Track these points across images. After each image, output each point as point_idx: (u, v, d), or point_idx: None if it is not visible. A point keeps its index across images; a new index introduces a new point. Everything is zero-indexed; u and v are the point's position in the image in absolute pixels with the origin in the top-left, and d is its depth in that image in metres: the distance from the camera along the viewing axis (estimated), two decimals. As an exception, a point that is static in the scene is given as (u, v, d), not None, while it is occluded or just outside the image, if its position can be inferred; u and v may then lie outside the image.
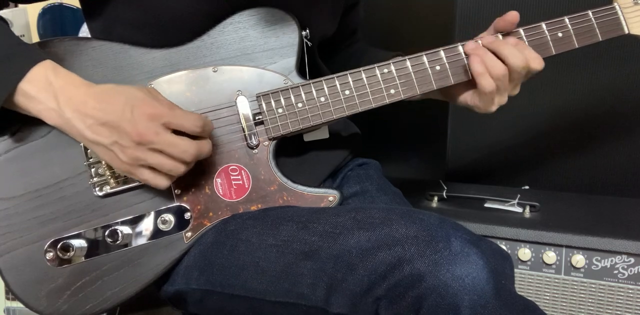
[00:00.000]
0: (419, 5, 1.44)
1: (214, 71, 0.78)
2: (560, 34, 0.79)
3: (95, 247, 0.76)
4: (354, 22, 1.05)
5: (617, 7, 0.80)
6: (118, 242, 0.75)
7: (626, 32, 0.80)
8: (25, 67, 0.68)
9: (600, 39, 0.80)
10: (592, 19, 0.79)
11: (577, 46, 0.79)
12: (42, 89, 0.68)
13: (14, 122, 0.74)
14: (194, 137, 0.70)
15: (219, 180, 0.77)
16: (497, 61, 0.75)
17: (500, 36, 0.78)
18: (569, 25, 0.79)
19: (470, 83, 0.80)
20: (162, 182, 0.70)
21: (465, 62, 0.78)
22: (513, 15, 0.77)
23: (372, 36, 1.10)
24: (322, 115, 0.78)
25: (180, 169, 0.69)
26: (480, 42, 0.77)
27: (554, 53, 0.79)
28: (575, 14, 0.79)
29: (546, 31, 0.79)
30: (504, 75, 0.75)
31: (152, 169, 0.69)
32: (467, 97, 0.81)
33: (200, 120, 0.70)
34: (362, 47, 1.08)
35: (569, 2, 1.21)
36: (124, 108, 0.66)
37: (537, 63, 0.76)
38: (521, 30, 0.79)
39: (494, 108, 0.79)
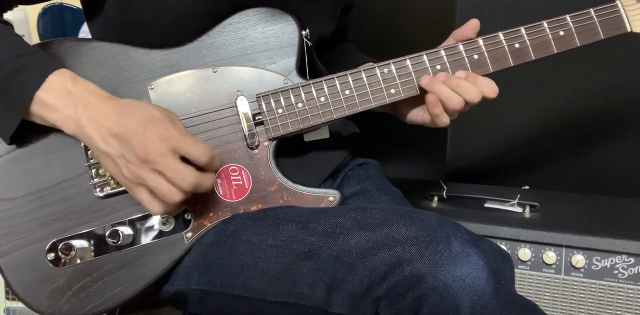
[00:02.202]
0: (419, 5, 1.44)
1: (214, 71, 0.78)
2: (561, 33, 0.79)
3: (96, 248, 0.76)
4: (345, 24, 1.05)
5: (619, 5, 0.79)
6: (119, 242, 0.75)
7: (628, 30, 0.80)
8: (42, 76, 0.68)
9: (602, 37, 0.79)
10: (594, 17, 0.79)
11: (578, 44, 0.79)
12: (60, 97, 0.68)
13: (25, 130, 0.74)
14: (199, 169, 0.70)
15: (219, 180, 0.77)
16: (455, 96, 0.75)
17: (503, 39, 0.78)
18: (571, 24, 0.79)
19: (419, 101, 0.80)
20: (155, 208, 0.69)
21: (467, 61, 0.78)
22: (475, 23, 0.78)
23: (372, 36, 1.10)
24: (322, 115, 0.78)
25: (175, 196, 0.68)
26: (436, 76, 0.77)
27: (555, 51, 0.79)
28: (577, 12, 0.79)
29: (547, 29, 0.78)
30: (460, 108, 0.76)
31: (151, 191, 0.69)
32: (418, 116, 0.83)
33: (208, 151, 0.70)
34: (344, 48, 1.08)
35: (570, 0, 1.20)
36: (138, 124, 0.67)
37: (490, 91, 0.76)
38: (522, 29, 0.78)
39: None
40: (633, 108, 1.25)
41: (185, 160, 0.69)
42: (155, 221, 0.76)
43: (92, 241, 0.76)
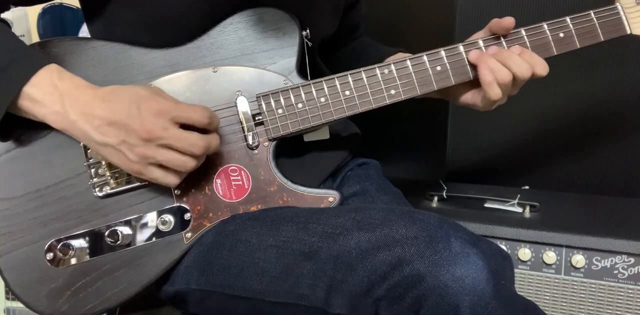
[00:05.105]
0: (419, 5, 1.44)
1: (214, 71, 0.78)
2: (561, 34, 0.79)
3: (95, 248, 0.76)
4: (354, 19, 1.05)
5: (619, 7, 0.79)
6: (118, 242, 0.75)
7: (628, 32, 0.80)
8: (30, 71, 0.68)
9: (602, 39, 0.80)
10: (594, 19, 0.79)
11: (578, 46, 0.79)
12: (47, 92, 0.68)
13: (19, 127, 0.74)
14: (202, 131, 0.70)
15: (218, 180, 0.77)
16: (504, 69, 0.75)
17: (503, 41, 0.78)
18: (571, 26, 0.79)
19: (471, 82, 0.80)
20: (172, 180, 0.70)
21: (467, 62, 0.78)
22: (509, 22, 0.77)
23: (372, 36, 1.10)
24: (322, 116, 0.78)
25: (189, 163, 0.69)
26: (485, 51, 0.77)
27: (555, 53, 0.79)
28: (577, 14, 0.79)
29: (547, 31, 0.78)
30: (510, 81, 0.75)
31: (162, 166, 0.69)
32: (468, 97, 0.82)
33: (206, 111, 0.70)
34: (363, 42, 1.08)
35: (570, 2, 1.21)
36: (129, 106, 0.67)
37: (541, 69, 0.76)
38: (522, 30, 0.78)
39: (492, 107, 0.81)
40: (633, 108, 1.25)
41: (185, 127, 0.69)
42: (154, 221, 0.76)
43: (91, 241, 0.76)
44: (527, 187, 1.30)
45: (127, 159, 0.68)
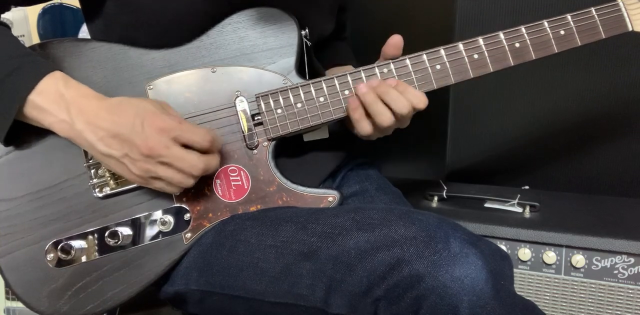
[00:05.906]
0: (419, 5, 1.44)
1: (213, 72, 0.78)
2: (562, 32, 0.78)
3: (95, 248, 0.76)
4: (341, 20, 1.06)
5: (620, 4, 0.79)
6: (118, 243, 0.75)
7: (630, 29, 0.79)
8: (35, 79, 0.68)
9: (604, 37, 0.79)
10: (595, 16, 0.78)
11: (579, 44, 0.79)
12: (53, 101, 0.68)
13: (23, 132, 0.74)
14: (202, 151, 0.71)
15: (218, 181, 0.78)
16: (385, 110, 0.74)
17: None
18: (572, 23, 0.78)
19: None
20: (175, 190, 0.72)
21: (467, 61, 0.78)
22: (396, 39, 0.76)
23: (372, 36, 1.10)
24: (322, 116, 0.78)
25: (189, 182, 0.70)
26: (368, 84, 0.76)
27: (556, 51, 0.79)
28: (578, 11, 0.78)
29: (548, 29, 0.78)
30: (389, 125, 0.75)
31: (163, 179, 0.70)
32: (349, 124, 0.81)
33: (209, 134, 0.71)
34: (338, 49, 1.08)
35: (570, 2, 1.20)
36: (134, 121, 0.67)
37: (421, 103, 0.75)
38: (522, 28, 0.78)
39: (373, 137, 0.81)
40: (633, 108, 1.25)
41: (186, 146, 0.70)
42: (154, 222, 0.76)
43: (91, 241, 0.76)
44: (527, 187, 1.30)
45: (130, 172, 0.69)
